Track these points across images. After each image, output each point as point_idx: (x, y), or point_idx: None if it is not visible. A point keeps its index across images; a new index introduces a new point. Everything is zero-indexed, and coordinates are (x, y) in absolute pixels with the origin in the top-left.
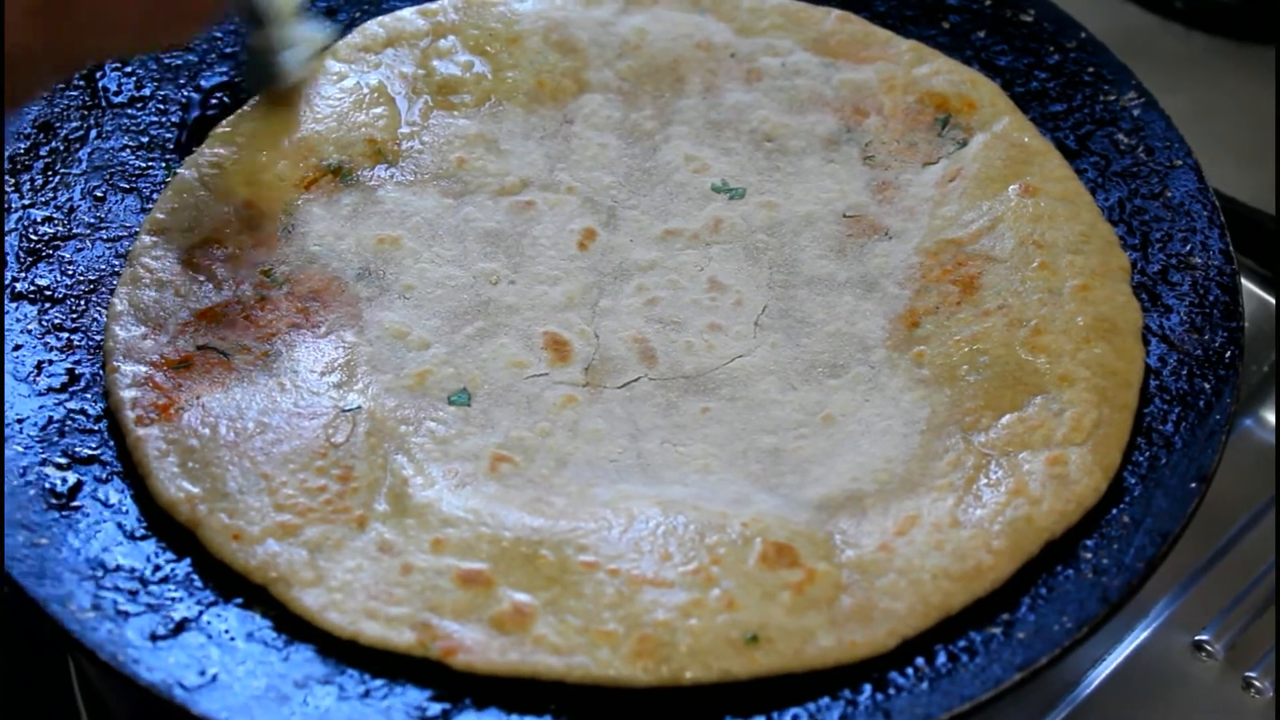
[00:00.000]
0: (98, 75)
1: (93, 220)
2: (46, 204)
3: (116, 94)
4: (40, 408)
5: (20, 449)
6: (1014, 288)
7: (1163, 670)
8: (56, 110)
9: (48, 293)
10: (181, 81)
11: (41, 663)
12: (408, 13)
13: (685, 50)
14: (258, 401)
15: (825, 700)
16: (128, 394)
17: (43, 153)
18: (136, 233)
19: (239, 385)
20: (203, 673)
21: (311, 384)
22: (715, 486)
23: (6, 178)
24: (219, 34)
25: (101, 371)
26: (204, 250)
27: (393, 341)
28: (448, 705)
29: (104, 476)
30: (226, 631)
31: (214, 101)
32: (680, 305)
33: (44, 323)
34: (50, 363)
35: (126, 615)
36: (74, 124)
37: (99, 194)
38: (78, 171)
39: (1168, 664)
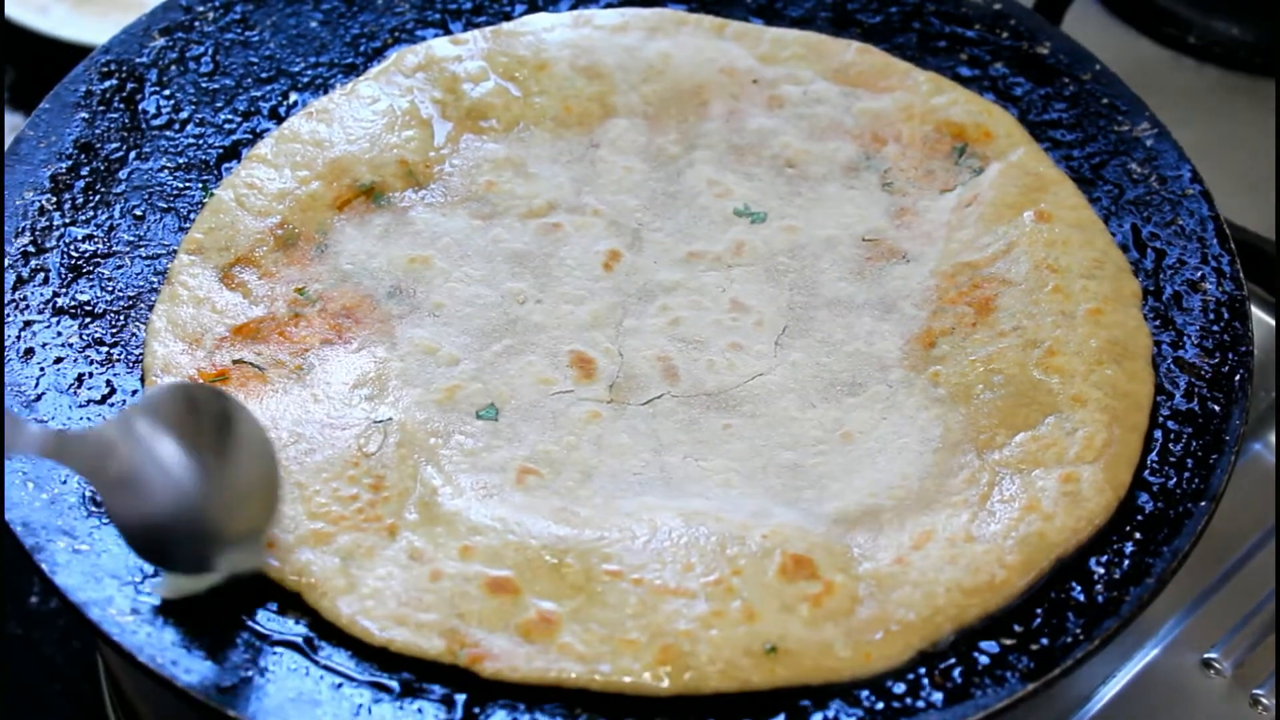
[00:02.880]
0: (138, 98)
1: (132, 239)
2: (87, 222)
3: (156, 116)
4: (82, 419)
5: None
6: (1028, 310)
7: (1172, 687)
8: (97, 131)
9: (88, 308)
10: (219, 104)
11: (72, 669)
12: (439, 41)
13: (709, 75)
14: (291, 412)
15: (843, 707)
16: None
17: (84, 173)
18: (175, 251)
19: (273, 396)
20: (238, 676)
21: (344, 396)
22: (736, 500)
23: (49, 195)
24: (254, 58)
25: (140, 385)
26: (240, 269)
27: (423, 357)
28: (476, 709)
29: None
30: (262, 635)
31: (251, 124)
32: (703, 325)
33: (85, 337)
34: (90, 375)
35: (165, 619)
36: (114, 145)
37: (138, 213)
38: (118, 191)
39: (1177, 681)
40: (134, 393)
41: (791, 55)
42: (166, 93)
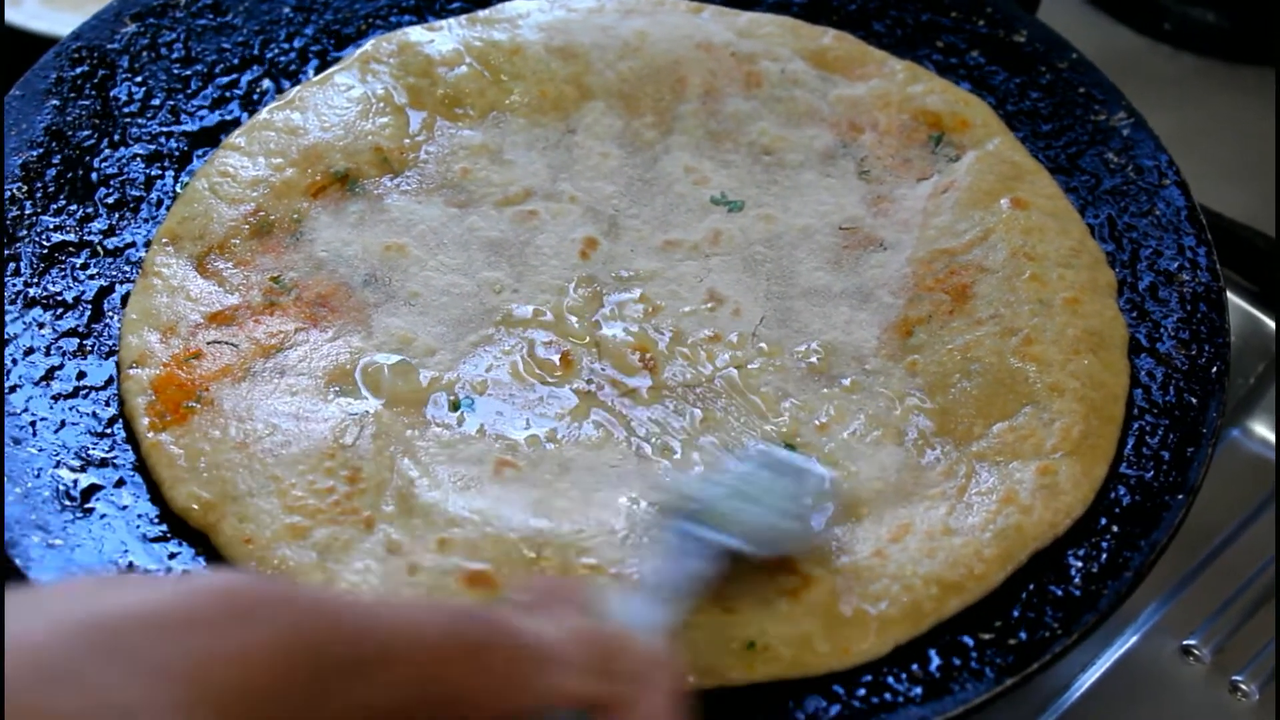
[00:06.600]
0: (109, 85)
1: (104, 228)
2: (59, 212)
3: (128, 103)
4: (53, 411)
5: (34, 451)
6: (1005, 298)
7: (1151, 674)
8: (69, 119)
9: (60, 298)
10: (191, 91)
11: None
12: (414, 28)
13: (685, 51)
14: (267, 403)
15: (822, 702)
16: (141, 400)
17: (55, 161)
18: (148, 240)
19: (248, 385)
20: None
21: (319, 387)
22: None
23: (20, 184)
24: (227, 45)
25: (114, 375)
26: (215, 257)
27: (399, 347)
28: None
29: (118, 479)
30: None
31: (224, 111)
32: (679, 315)
33: (56, 328)
34: (62, 367)
35: None
36: (86, 132)
37: (110, 202)
38: (90, 180)
39: (1156, 668)
40: (107, 383)
41: (769, 33)
42: (139, 79)
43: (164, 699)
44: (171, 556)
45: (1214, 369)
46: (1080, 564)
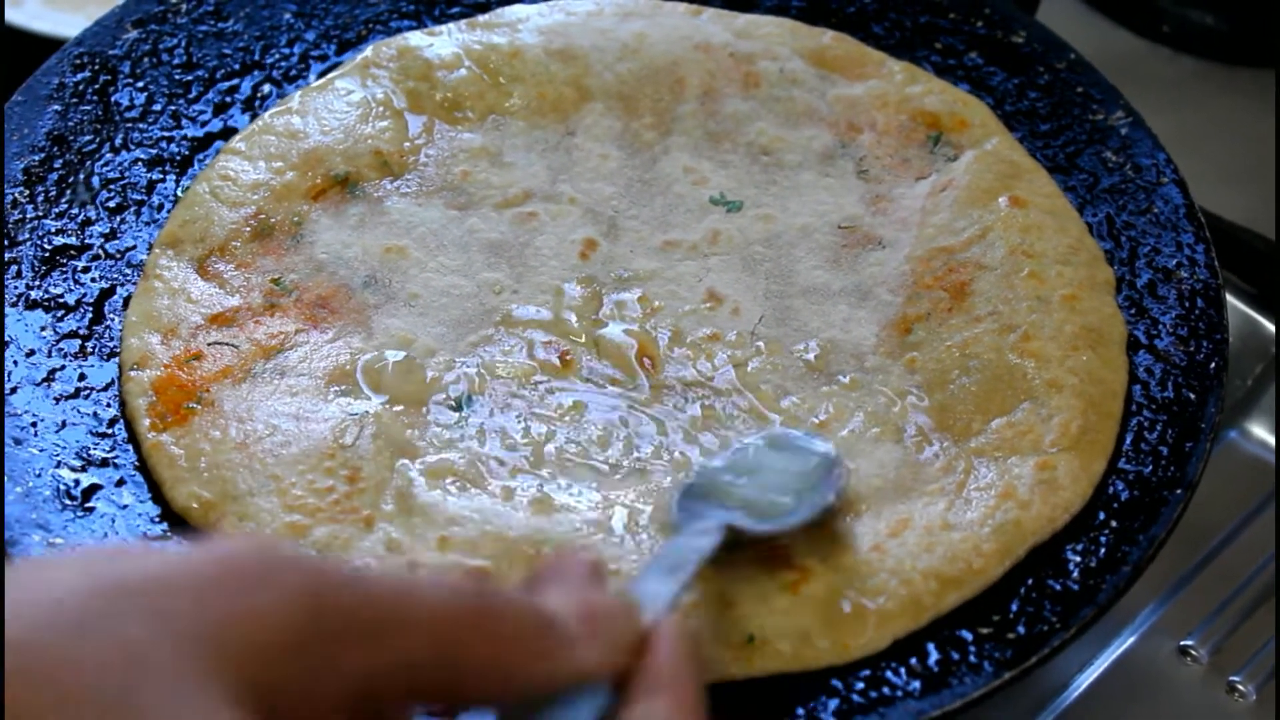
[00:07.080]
0: (111, 90)
1: (106, 231)
2: (60, 215)
3: (129, 109)
4: (54, 412)
5: (35, 451)
6: (1004, 295)
7: (1148, 674)
8: (70, 124)
9: (61, 301)
10: (192, 96)
11: None
12: (414, 33)
13: (684, 51)
14: (267, 404)
15: (821, 697)
16: (142, 401)
17: (56, 165)
18: (149, 244)
19: (248, 386)
20: None
21: (319, 388)
22: None
23: (21, 188)
24: (228, 50)
25: (115, 376)
26: (216, 260)
27: (399, 348)
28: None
29: (119, 479)
30: None
31: (224, 116)
32: (679, 315)
33: (57, 330)
34: (63, 368)
35: None
36: (87, 137)
37: (111, 205)
38: (91, 184)
39: (1153, 668)
40: (108, 384)
41: (767, 33)
42: (140, 85)
43: (185, 656)
44: None
45: (1212, 365)
46: (1079, 559)
